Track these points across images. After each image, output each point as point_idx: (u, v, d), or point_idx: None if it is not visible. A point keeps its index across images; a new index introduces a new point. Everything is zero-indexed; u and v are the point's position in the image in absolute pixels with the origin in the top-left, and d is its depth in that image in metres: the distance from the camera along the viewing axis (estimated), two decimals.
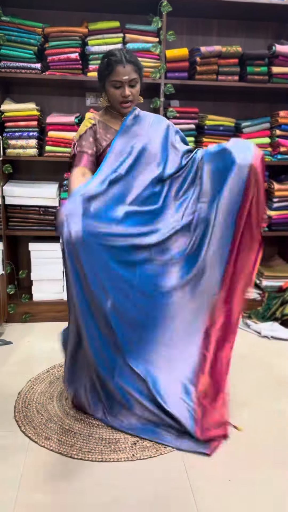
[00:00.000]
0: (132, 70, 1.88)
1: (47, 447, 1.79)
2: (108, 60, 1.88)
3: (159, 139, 1.97)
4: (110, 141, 1.96)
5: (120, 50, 1.90)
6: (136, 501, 1.54)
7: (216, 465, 1.73)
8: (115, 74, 1.87)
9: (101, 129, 1.98)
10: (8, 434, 1.89)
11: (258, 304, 3.30)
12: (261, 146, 3.18)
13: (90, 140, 1.96)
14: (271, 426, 1.98)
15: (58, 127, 2.99)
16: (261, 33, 3.34)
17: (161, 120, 2.04)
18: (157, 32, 2.97)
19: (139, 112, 2.00)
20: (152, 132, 1.97)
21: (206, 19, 3.26)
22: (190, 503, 1.53)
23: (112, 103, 1.97)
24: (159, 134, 1.98)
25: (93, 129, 1.97)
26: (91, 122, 1.98)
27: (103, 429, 1.91)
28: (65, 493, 1.57)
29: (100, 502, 1.53)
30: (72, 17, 3.11)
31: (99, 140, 1.97)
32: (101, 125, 1.99)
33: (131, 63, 1.88)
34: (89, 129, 1.97)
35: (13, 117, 2.94)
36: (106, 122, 2.00)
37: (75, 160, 1.97)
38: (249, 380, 2.38)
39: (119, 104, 1.94)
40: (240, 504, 1.53)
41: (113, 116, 2.01)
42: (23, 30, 2.86)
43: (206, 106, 3.35)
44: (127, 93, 1.89)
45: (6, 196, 3.00)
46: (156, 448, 1.80)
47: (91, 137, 1.96)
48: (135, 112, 1.98)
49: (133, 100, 1.94)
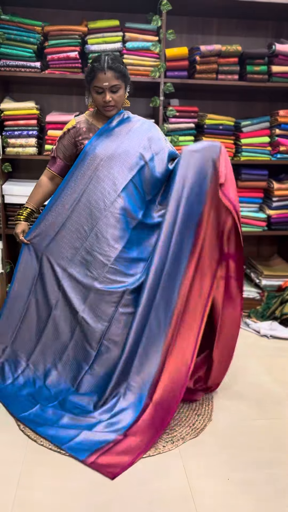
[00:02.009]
0: (113, 76, 1.92)
1: (45, 445, 1.79)
2: (92, 66, 1.95)
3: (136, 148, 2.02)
4: (91, 139, 2.03)
5: (106, 55, 1.93)
6: (135, 499, 1.54)
7: (215, 464, 1.73)
8: (96, 80, 1.93)
9: (84, 128, 2.06)
10: (7, 433, 1.89)
11: (258, 303, 3.31)
12: (261, 145, 3.18)
13: (65, 144, 2.08)
14: (270, 426, 1.98)
15: (57, 125, 2.99)
16: (261, 32, 3.34)
17: (145, 129, 2.07)
18: (157, 30, 2.96)
19: (127, 115, 2.08)
20: (127, 140, 2.03)
21: (206, 18, 3.26)
22: (188, 502, 1.53)
23: (97, 107, 2.03)
24: (136, 143, 2.03)
25: (71, 132, 2.06)
26: (72, 124, 2.07)
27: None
28: (64, 491, 1.57)
29: (99, 501, 1.53)
30: (71, 16, 3.10)
31: (81, 139, 2.05)
32: (85, 124, 2.06)
33: (112, 70, 1.91)
34: (67, 132, 2.07)
35: (12, 116, 2.94)
36: (92, 122, 2.07)
37: (50, 161, 2.15)
38: (247, 379, 2.38)
39: (102, 108, 2.00)
40: (238, 503, 1.54)
41: (100, 117, 2.07)
42: (22, 28, 2.85)
43: (206, 105, 3.35)
44: (107, 99, 1.95)
45: (5, 194, 3.00)
46: (155, 447, 1.80)
47: (67, 141, 2.08)
48: (122, 116, 2.06)
49: (115, 105, 1.99)
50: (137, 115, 2.14)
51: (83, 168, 2.00)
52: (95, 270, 2.00)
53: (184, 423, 1.96)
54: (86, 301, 2.02)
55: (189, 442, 1.85)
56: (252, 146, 3.17)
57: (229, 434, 1.91)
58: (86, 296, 2.02)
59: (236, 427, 1.96)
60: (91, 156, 1.99)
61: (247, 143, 3.15)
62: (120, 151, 1.99)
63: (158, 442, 1.83)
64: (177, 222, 1.93)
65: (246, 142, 3.15)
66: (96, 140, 2.01)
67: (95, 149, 1.99)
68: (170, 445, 1.81)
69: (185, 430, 1.92)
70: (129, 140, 2.02)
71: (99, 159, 1.98)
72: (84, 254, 2.02)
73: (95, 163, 1.99)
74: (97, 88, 1.94)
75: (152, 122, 2.15)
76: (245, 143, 3.15)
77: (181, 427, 1.94)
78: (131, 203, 2.01)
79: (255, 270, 3.46)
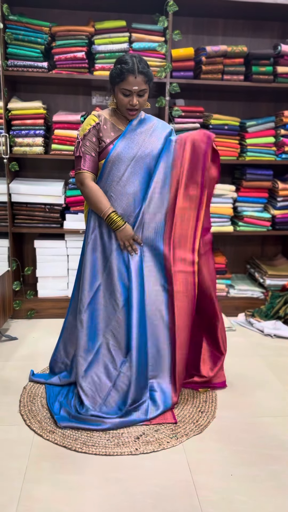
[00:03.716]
0: (142, 81, 1.93)
1: (51, 440, 1.82)
2: (121, 67, 1.91)
3: (159, 146, 2.05)
4: (113, 139, 2.02)
5: (134, 57, 1.93)
6: (139, 494, 1.56)
7: (218, 460, 1.75)
8: (126, 83, 1.92)
9: (105, 126, 2.03)
10: (14, 427, 1.92)
11: (262, 302, 3.32)
12: (266, 145, 3.19)
13: (93, 140, 2.01)
14: (273, 423, 2.00)
15: (64, 125, 3.01)
16: (267, 33, 3.35)
17: (164, 127, 2.11)
18: (163, 31, 2.98)
19: (144, 116, 2.10)
20: (150, 139, 2.05)
21: (212, 19, 3.27)
22: (192, 497, 1.55)
23: (119, 108, 2.02)
24: (159, 142, 2.06)
25: (96, 128, 2.02)
26: (95, 121, 2.02)
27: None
28: (69, 486, 1.60)
29: (104, 495, 1.55)
30: (78, 16, 3.13)
31: (103, 137, 2.02)
32: (106, 122, 2.04)
33: (142, 74, 1.92)
34: (93, 128, 2.01)
35: (20, 115, 2.97)
36: (113, 122, 2.05)
37: (80, 160, 2.02)
38: (251, 377, 2.40)
39: (126, 111, 2.00)
40: (242, 498, 1.56)
41: (120, 117, 2.07)
42: (30, 29, 2.88)
43: (211, 105, 3.37)
44: (135, 102, 1.95)
45: (12, 193, 3.03)
46: (159, 443, 1.82)
47: (94, 137, 2.01)
48: (141, 116, 2.07)
49: (139, 108, 2.01)
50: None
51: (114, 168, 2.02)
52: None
53: (188, 420, 1.99)
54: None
55: (193, 438, 1.87)
56: (257, 146, 3.18)
57: (232, 431, 1.93)
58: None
59: (240, 424, 1.98)
60: (119, 159, 2.00)
61: (252, 143, 3.17)
62: (146, 152, 2.02)
63: (163, 438, 1.85)
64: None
65: (251, 142, 3.17)
66: (121, 141, 2.01)
67: (122, 151, 2.00)
68: (174, 441, 1.84)
69: (189, 426, 1.94)
70: (153, 138, 2.05)
71: (128, 160, 2.00)
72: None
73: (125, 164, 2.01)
74: (125, 90, 1.94)
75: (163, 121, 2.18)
76: (250, 143, 3.17)
77: (185, 423, 1.96)
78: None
79: (259, 269, 3.48)
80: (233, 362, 2.52)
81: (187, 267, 2.06)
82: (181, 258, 2.05)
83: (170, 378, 2.07)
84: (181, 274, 2.05)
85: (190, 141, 2.03)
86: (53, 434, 1.86)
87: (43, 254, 3.19)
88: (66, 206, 3.15)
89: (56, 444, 1.80)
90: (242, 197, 3.28)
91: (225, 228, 3.26)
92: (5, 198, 3.03)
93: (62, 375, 2.21)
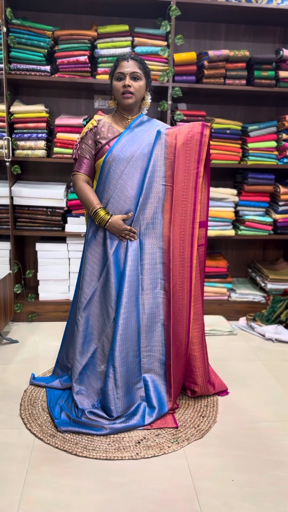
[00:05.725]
0: (135, 64, 2.00)
1: (52, 444, 1.82)
2: (116, 60, 2.04)
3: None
4: (109, 140, 2.04)
5: (129, 52, 1.97)
6: (140, 499, 1.55)
7: (219, 465, 1.74)
8: (119, 67, 2.00)
9: (103, 128, 2.06)
10: (14, 431, 1.91)
11: (263, 307, 3.32)
12: (268, 150, 3.20)
13: (89, 143, 2.06)
14: (274, 428, 1.99)
15: (66, 129, 3.02)
16: (269, 38, 3.36)
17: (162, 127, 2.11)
18: (165, 36, 2.99)
19: (146, 118, 2.12)
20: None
21: (214, 23, 3.28)
22: (193, 502, 1.55)
23: (116, 97, 2.05)
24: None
25: (93, 131, 2.07)
26: (93, 124, 2.07)
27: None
28: (70, 490, 1.59)
29: (104, 500, 1.55)
30: (81, 21, 3.14)
31: (99, 139, 2.05)
32: (104, 124, 2.07)
33: (134, 60, 2.00)
34: (90, 131, 2.07)
35: (22, 119, 2.98)
36: (111, 123, 2.08)
37: (76, 163, 2.09)
38: (252, 382, 2.39)
39: (121, 95, 2.01)
40: (243, 504, 1.55)
41: (119, 118, 2.09)
42: (33, 33, 2.89)
43: (213, 110, 3.38)
44: (127, 83, 1.98)
45: (14, 196, 3.04)
46: (160, 447, 1.82)
47: (90, 139, 2.06)
48: (141, 119, 2.10)
49: (134, 93, 2.00)
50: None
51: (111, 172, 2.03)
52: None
53: (189, 425, 1.98)
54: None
55: (194, 443, 1.87)
56: (259, 150, 3.19)
57: (233, 435, 1.92)
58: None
59: (241, 429, 1.97)
60: (117, 159, 2.01)
61: (254, 148, 3.17)
62: (145, 152, 2.03)
63: (164, 443, 1.85)
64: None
65: (253, 147, 3.17)
66: (120, 142, 2.02)
67: (120, 151, 2.01)
68: (175, 446, 1.83)
69: (190, 431, 1.93)
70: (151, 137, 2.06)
71: (126, 161, 2.01)
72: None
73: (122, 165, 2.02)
74: (118, 74, 2.00)
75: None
76: (252, 148, 3.17)
77: (186, 428, 1.96)
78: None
79: (261, 273, 3.48)
80: (234, 366, 2.52)
81: (185, 261, 2.07)
82: (180, 253, 2.06)
83: (165, 380, 2.07)
84: (178, 268, 2.06)
85: (182, 130, 2.04)
86: (53, 438, 1.85)
87: (45, 257, 3.19)
88: (68, 209, 3.15)
89: (57, 448, 1.80)
90: (244, 201, 3.28)
91: (227, 232, 3.26)
92: (7, 201, 3.03)
93: (64, 378, 2.21)
